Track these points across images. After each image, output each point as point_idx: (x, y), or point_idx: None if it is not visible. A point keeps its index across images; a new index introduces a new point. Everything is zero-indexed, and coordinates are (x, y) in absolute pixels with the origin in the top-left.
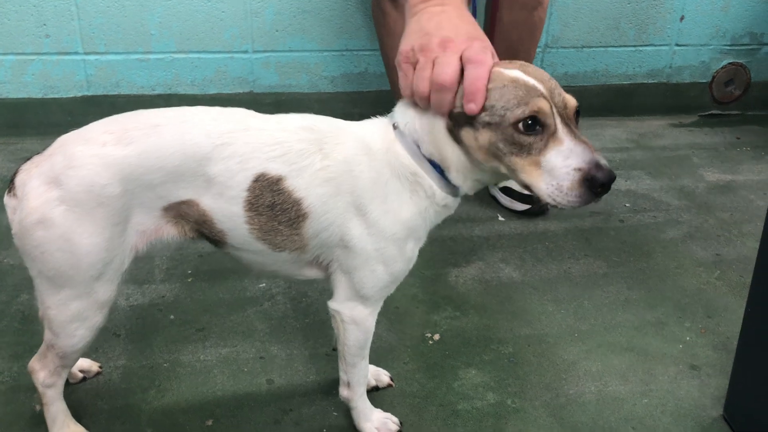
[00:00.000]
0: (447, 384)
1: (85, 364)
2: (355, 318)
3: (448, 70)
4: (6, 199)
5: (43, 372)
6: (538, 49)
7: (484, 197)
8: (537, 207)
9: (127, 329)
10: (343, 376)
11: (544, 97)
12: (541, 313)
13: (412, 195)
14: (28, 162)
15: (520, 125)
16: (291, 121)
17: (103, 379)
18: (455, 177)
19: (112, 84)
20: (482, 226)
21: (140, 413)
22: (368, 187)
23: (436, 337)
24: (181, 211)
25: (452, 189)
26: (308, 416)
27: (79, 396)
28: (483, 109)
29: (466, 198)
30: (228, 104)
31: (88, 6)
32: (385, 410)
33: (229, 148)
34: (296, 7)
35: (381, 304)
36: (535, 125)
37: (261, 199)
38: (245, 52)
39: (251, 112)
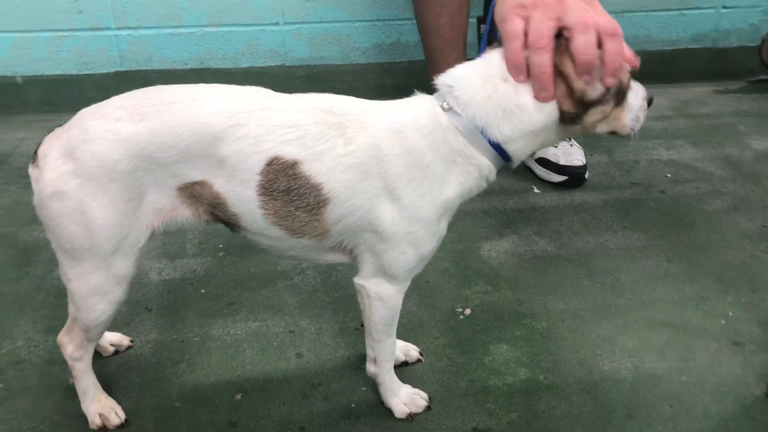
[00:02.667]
0: (477, 359)
1: (115, 338)
2: (381, 295)
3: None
4: (30, 169)
5: (71, 345)
6: None
7: (518, 169)
8: (573, 178)
9: (158, 303)
10: (369, 352)
11: None
12: (576, 287)
13: (460, 176)
14: (51, 134)
15: (628, 83)
16: (309, 101)
17: (135, 353)
18: (520, 150)
19: (144, 59)
20: (516, 198)
21: (170, 386)
22: (403, 171)
23: (467, 311)
24: (194, 192)
25: (503, 163)
26: (337, 391)
27: (110, 369)
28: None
29: (499, 172)
30: (260, 77)
31: None
32: (414, 386)
33: (242, 129)
34: None
35: (409, 282)
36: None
37: (275, 183)
38: (276, 24)
39: (269, 92)
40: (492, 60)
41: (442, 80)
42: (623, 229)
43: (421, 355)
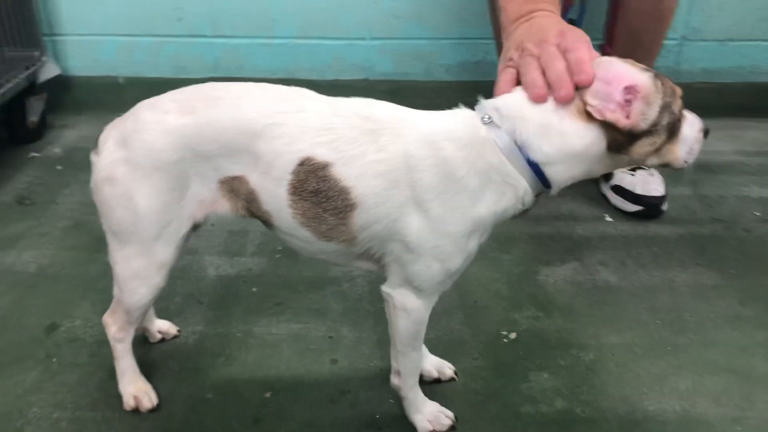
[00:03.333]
0: (514, 385)
1: (164, 326)
2: (407, 306)
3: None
4: (91, 155)
5: (114, 327)
6: (674, 41)
7: (593, 195)
8: (649, 209)
9: (210, 297)
10: (394, 364)
11: None
12: (633, 321)
13: (495, 194)
14: (111, 123)
15: (678, 118)
16: (349, 106)
17: (180, 342)
18: (561, 175)
19: (237, 67)
20: (586, 225)
21: (206, 378)
22: (434, 182)
23: (513, 335)
24: (233, 187)
25: (541, 188)
26: (364, 400)
27: (153, 355)
28: (664, 108)
29: (572, 196)
30: (344, 90)
31: None
32: (443, 404)
33: (280, 128)
34: None
35: (436, 297)
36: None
37: (305, 184)
38: (363, 39)
39: (312, 94)
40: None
41: (483, 102)
42: (695, 266)
43: (456, 374)
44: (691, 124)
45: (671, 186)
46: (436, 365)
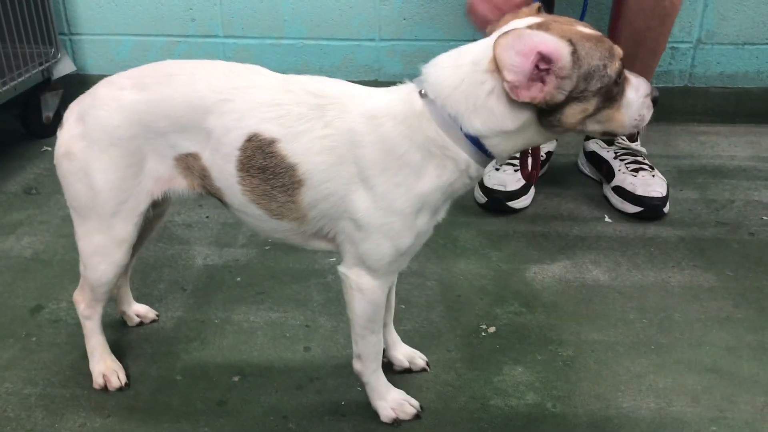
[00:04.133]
0: (486, 377)
1: (142, 309)
2: (362, 287)
3: None
4: (57, 131)
5: (82, 304)
6: (688, 45)
7: (594, 196)
8: (650, 210)
9: (194, 285)
10: (354, 348)
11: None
12: (619, 319)
13: (437, 168)
14: (76, 100)
15: (616, 80)
16: (298, 83)
17: (157, 326)
18: (501, 149)
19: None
20: (583, 225)
21: (177, 361)
22: (377, 159)
23: (492, 329)
24: (188, 164)
25: (486, 159)
26: (332, 387)
27: (130, 338)
28: (592, 73)
29: (573, 196)
30: None
31: None
32: (412, 393)
33: (229, 104)
34: None
35: (393, 277)
36: (622, 74)
37: (253, 160)
38: (372, 40)
39: (264, 71)
40: (475, 45)
41: (426, 66)
42: (692, 268)
43: (428, 365)
44: (636, 89)
45: (677, 189)
46: (407, 355)
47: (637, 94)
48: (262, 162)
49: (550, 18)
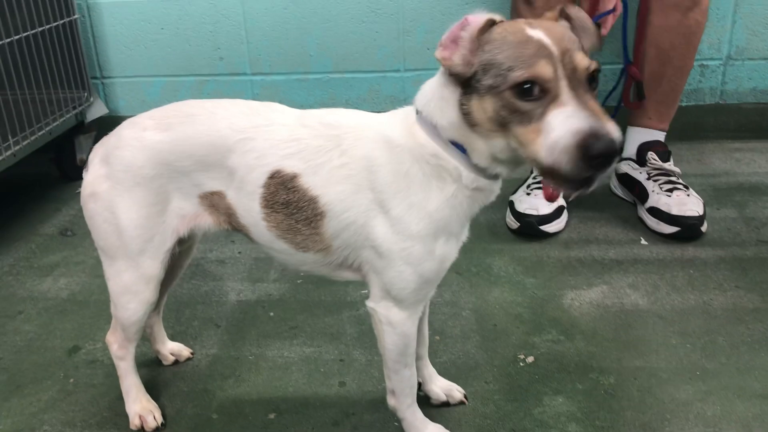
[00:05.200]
0: (526, 409)
1: (176, 347)
2: (391, 320)
3: None
4: (83, 173)
5: (115, 344)
6: (717, 62)
7: (629, 218)
8: (686, 230)
9: (228, 321)
10: (387, 383)
11: (550, 60)
12: (661, 345)
13: (437, 181)
14: (100, 141)
15: (517, 90)
16: (314, 117)
17: (192, 364)
18: (477, 157)
19: (277, 102)
20: (618, 248)
21: (212, 399)
22: (389, 181)
23: (530, 359)
24: (213, 202)
25: (481, 170)
26: (368, 422)
27: (165, 377)
28: (487, 67)
29: (606, 219)
30: None
31: (255, 31)
32: (450, 428)
33: (251, 142)
34: (447, 25)
35: (420, 308)
36: (532, 90)
37: (276, 196)
38: (397, 71)
39: (282, 108)
40: None
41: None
42: (735, 289)
43: (465, 398)
44: (566, 116)
45: (714, 208)
46: (444, 388)
47: (563, 121)
48: (285, 197)
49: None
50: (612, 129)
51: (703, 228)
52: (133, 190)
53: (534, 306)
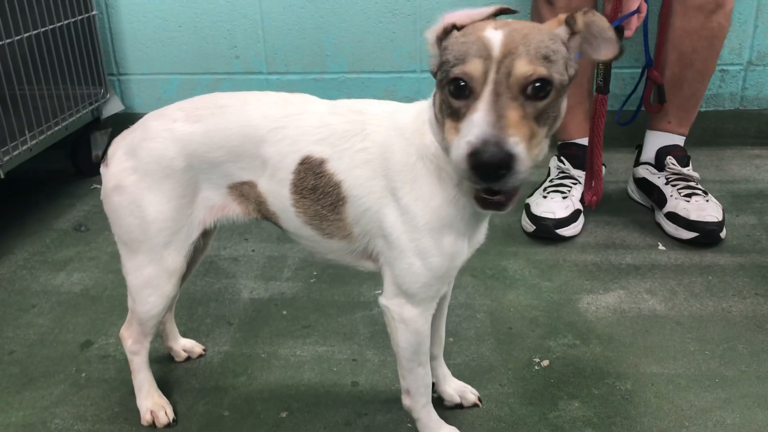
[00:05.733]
0: (541, 413)
1: (188, 344)
2: (404, 317)
3: None
4: (101, 168)
5: (129, 339)
6: (738, 67)
7: (647, 224)
8: (705, 236)
9: (240, 319)
10: (402, 383)
11: (483, 60)
12: (679, 351)
13: (439, 181)
14: (119, 135)
15: (452, 86)
16: (346, 104)
17: (204, 361)
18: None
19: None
20: (636, 253)
21: (224, 396)
22: (399, 170)
23: (545, 363)
24: (243, 191)
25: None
26: (380, 423)
27: (177, 373)
28: (442, 63)
29: (624, 224)
30: None
31: (272, 30)
32: (463, 429)
33: (283, 131)
34: None
35: (433, 305)
36: (464, 88)
37: (305, 181)
38: (413, 72)
39: (313, 98)
40: None
41: None
42: (755, 296)
43: (479, 400)
44: (469, 126)
45: (733, 215)
46: (458, 390)
47: (464, 131)
48: (313, 182)
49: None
50: (509, 141)
51: (722, 234)
52: (162, 182)
53: (550, 309)
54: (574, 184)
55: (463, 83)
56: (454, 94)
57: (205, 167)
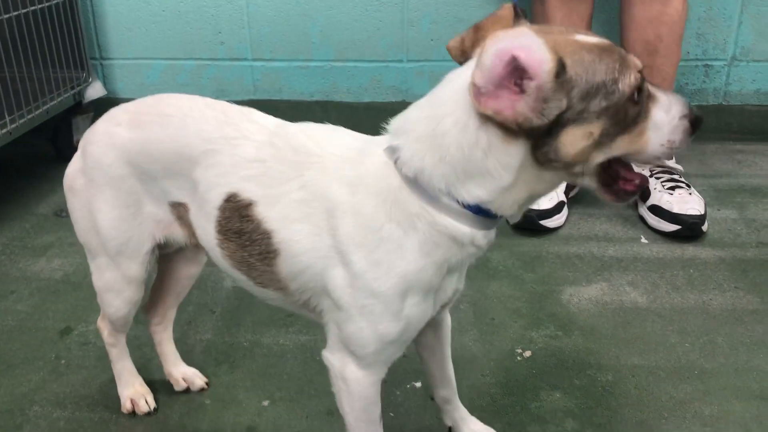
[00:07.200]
0: (523, 403)
1: (189, 373)
2: (346, 377)
3: None
4: None
5: (105, 331)
6: (722, 62)
7: (629, 217)
8: (687, 228)
9: (223, 307)
10: None
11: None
12: (659, 343)
13: (425, 245)
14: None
15: (635, 94)
16: (286, 135)
17: (186, 349)
18: (506, 206)
19: (275, 89)
20: (618, 246)
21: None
22: (352, 232)
23: (527, 354)
24: (180, 213)
25: (491, 222)
26: None
27: (158, 361)
28: (593, 90)
29: (607, 217)
30: (381, 112)
31: (257, 16)
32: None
33: (216, 156)
34: (452, 16)
35: (383, 370)
36: (639, 94)
37: (230, 222)
38: (400, 61)
39: (262, 119)
40: (450, 89)
41: (393, 124)
42: (734, 290)
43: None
44: (667, 108)
45: (715, 209)
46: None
47: (668, 114)
48: (239, 226)
49: (545, 27)
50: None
51: (704, 227)
52: (104, 188)
53: (532, 301)
54: None
55: (639, 89)
56: (638, 99)
57: (144, 178)
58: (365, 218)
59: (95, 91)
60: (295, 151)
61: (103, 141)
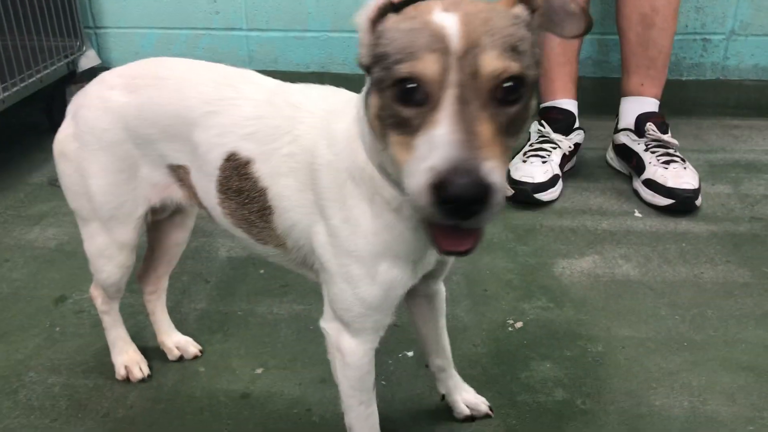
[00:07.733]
0: (513, 373)
1: (183, 341)
2: (341, 346)
3: None
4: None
5: (99, 299)
6: (720, 36)
7: (624, 190)
8: (681, 202)
9: (217, 277)
10: (345, 419)
11: (440, 56)
12: (650, 315)
13: (371, 205)
14: (76, 94)
15: (398, 89)
16: (285, 93)
17: (180, 317)
18: (387, 167)
19: (270, 60)
20: (612, 220)
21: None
22: (327, 186)
23: (518, 324)
24: (180, 176)
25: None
26: None
27: (152, 329)
28: (380, 57)
29: (601, 190)
30: None
31: None
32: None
33: (215, 117)
34: None
35: (375, 337)
36: (415, 92)
37: (230, 181)
38: None
39: (259, 79)
40: None
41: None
42: (726, 263)
43: (491, 410)
44: (429, 147)
45: (709, 183)
46: (470, 402)
47: (425, 152)
48: (238, 184)
49: None
50: (484, 167)
51: (698, 202)
52: (98, 154)
53: (525, 273)
54: (554, 148)
55: (414, 86)
56: (402, 100)
57: (140, 142)
58: (336, 172)
59: (89, 60)
60: (292, 106)
61: (96, 105)
